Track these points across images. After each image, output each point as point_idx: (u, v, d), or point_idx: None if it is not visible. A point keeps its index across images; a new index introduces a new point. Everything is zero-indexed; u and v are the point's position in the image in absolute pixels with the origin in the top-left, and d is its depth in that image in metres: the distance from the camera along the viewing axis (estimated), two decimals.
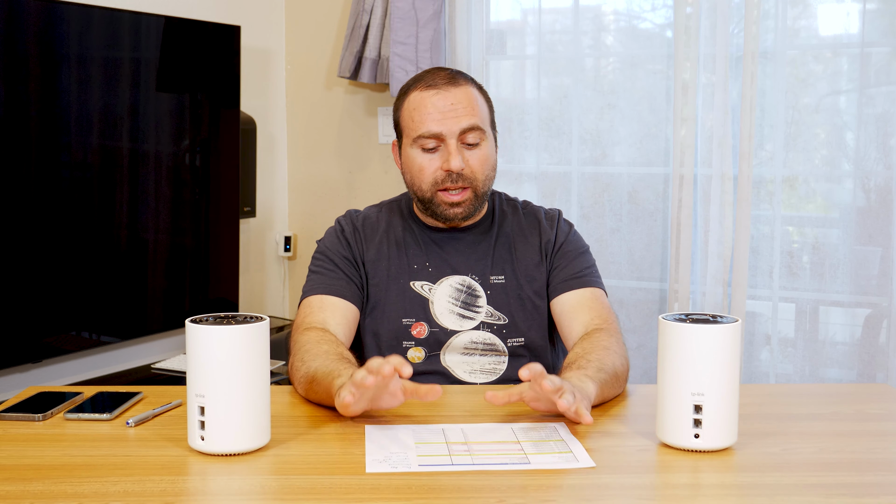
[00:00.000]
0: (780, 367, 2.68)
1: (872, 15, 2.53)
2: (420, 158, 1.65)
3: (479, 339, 1.66)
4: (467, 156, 1.64)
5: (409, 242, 1.72)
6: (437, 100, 1.63)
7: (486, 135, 1.66)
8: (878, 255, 2.55)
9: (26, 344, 2.31)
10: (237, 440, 1.18)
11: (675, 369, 1.20)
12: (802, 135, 2.61)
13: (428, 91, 1.64)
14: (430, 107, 1.63)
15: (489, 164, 1.67)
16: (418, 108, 1.64)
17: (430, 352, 1.66)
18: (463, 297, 1.67)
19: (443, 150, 1.63)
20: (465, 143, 1.64)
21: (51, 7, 2.27)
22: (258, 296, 3.24)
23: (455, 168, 1.61)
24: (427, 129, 1.62)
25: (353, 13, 2.96)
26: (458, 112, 1.62)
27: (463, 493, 1.07)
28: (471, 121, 1.63)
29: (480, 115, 1.66)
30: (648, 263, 2.81)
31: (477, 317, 1.67)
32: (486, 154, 1.66)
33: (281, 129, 3.28)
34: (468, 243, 1.72)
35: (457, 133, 1.62)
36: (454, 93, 1.64)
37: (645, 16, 2.90)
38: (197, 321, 1.19)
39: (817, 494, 1.08)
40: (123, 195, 2.50)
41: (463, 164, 1.62)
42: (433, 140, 1.63)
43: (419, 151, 1.65)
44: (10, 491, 1.08)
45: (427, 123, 1.62)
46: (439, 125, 1.62)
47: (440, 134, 1.62)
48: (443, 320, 1.66)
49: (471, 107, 1.64)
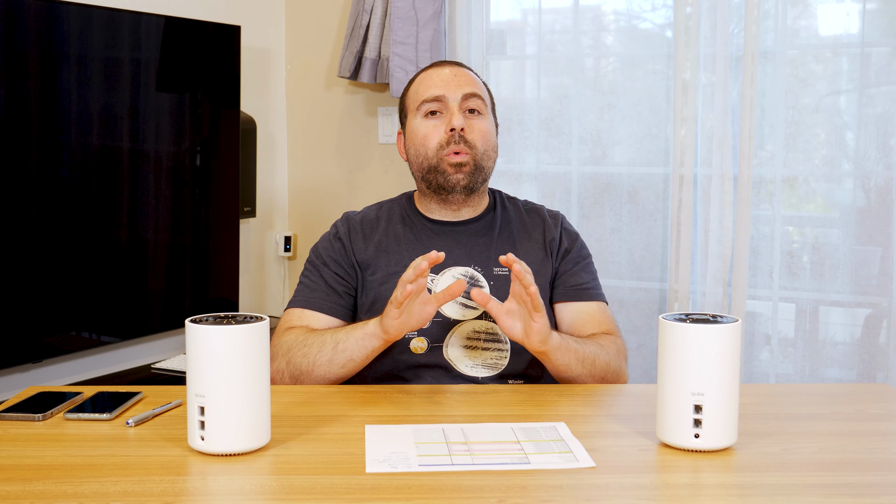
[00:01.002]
0: (780, 367, 2.68)
1: (872, 15, 2.53)
2: (424, 126, 1.72)
3: (482, 328, 1.66)
4: (469, 122, 1.71)
5: (410, 237, 1.74)
6: (441, 72, 1.75)
7: (487, 110, 1.75)
8: (878, 255, 2.55)
9: (26, 344, 2.31)
10: (237, 440, 1.18)
11: (675, 369, 1.20)
12: (802, 135, 2.61)
13: (432, 69, 1.78)
14: (435, 76, 1.74)
15: (490, 138, 1.74)
16: (423, 81, 1.76)
17: (432, 342, 1.65)
18: (466, 287, 1.68)
19: (446, 115, 1.71)
20: (467, 111, 1.72)
21: (51, 7, 2.27)
22: (258, 296, 3.24)
23: (457, 125, 1.68)
24: (430, 93, 1.72)
25: (353, 13, 2.96)
26: (460, 81, 1.73)
27: (463, 493, 1.08)
28: (472, 88, 1.73)
29: (481, 91, 1.75)
30: (648, 263, 2.81)
31: (479, 306, 1.67)
32: (487, 128, 1.73)
33: (281, 129, 3.28)
34: (470, 235, 1.74)
35: (459, 98, 1.71)
36: (457, 68, 1.77)
37: (645, 16, 2.90)
38: (197, 321, 1.19)
39: (817, 494, 1.08)
40: (123, 195, 2.50)
41: (464, 124, 1.69)
42: (436, 103, 1.71)
43: (422, 120, 1.73)
44: (10, 491, 1.08)
45: (430, 89, 1.72)
46: (442, 89, 1.71)
47: (442, 96, 1.71)
48: (445, 309, 1.66)
49: (472, 80, 1.75)
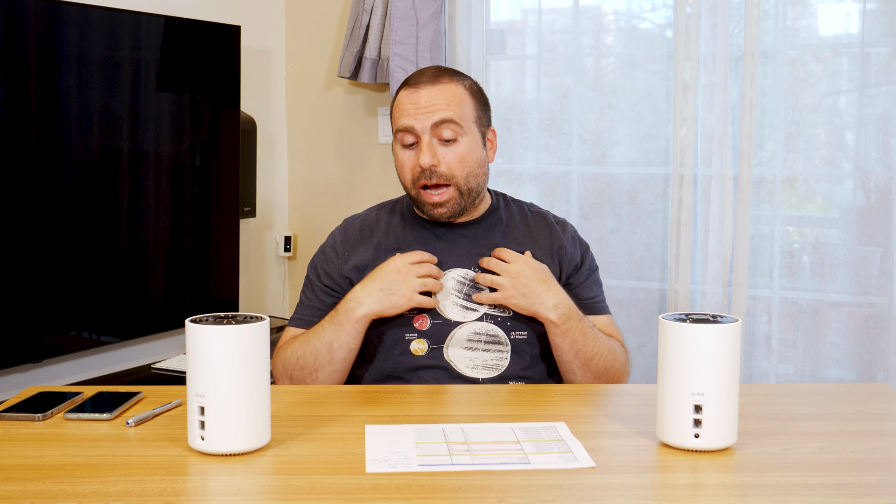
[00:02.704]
0: (780, 367, 2.68)
1: (872, 15, 2.53)
2: (401, 155, 1.69)
3: (483, 330, 1.66)
4: (442, 152, 1.64)
5: (410, 239, 1.73)
6: (414, 97, 1.66)
7: (465, 130, 1.66)
8: (878, 255, 2.54)
9: (26, 344, 2.30)
10: (237, 440, 1.18)
11: (675, 369, 1.20)
12: (802, 135, 2.61)
13: (409, 89, 1.68)
14: (407, 103, 1.66)
15: (470, 161, 1.66)
16: (398, 105, 1.69)
17: (433, 344, 1.65)
18: (466, 288, 1.68)
19: (418, 146, 1.66)
20: (442, 140, 1.65)
21: (51, 7, 2.27)
22: (258, 296, 3.24)
23: (424, 164, 1.63)
24: (402, 122, 1.66)
25: (353, 13, 2.96)
26: (431, 108, 1.64)
27: (463, 493, 1.08)
28: (444, 114, 1.64)
29: (459, 111, 1.65)
30: (648, 263, 2.81)
31: (480, 308, 1.67)
32: (465, 151, 1.66)
33: (281, 129, 3.28)
34: (471, 237, 1.73)
35: (428, 128, 1.64)
36: (431, 90, 1.65)
37: (645, 16, 2.89)
38: (197, 321, 1.19)
39: (817, 494, 1.08)
40: (123, 195, 2.50)
41: (434, 160, 1.63)
42: (410, 135, 1.65)
43: (400, 148, 1.69)
44: (10, 491, 1.08)
45: (402, 118, 1.66)
46: (411, 119, 1.64)
47: (412, 128, 1.64)
48: (445, 311, 1.66)
49: (447, 102, 1.65)
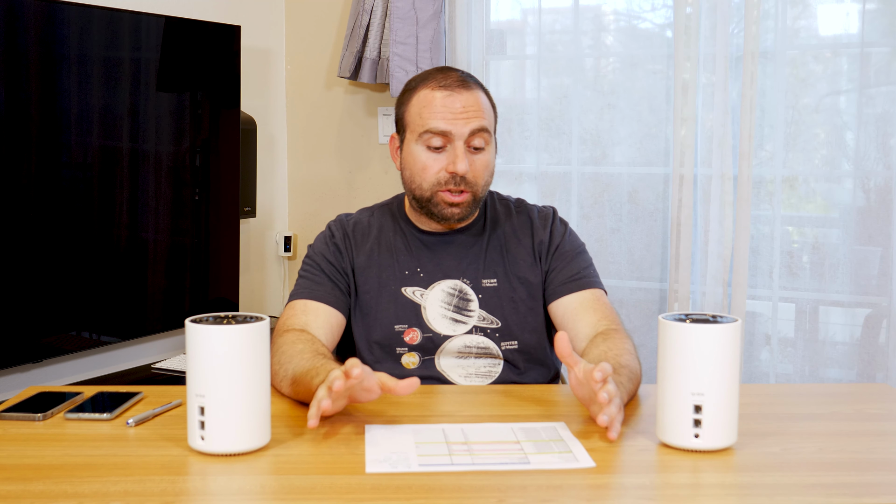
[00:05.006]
0: (780, 367, 2.68)
1: (872, 15, 2.53)
2: (424, 156, 1.63)
3: (473, 342, 1.65)
4: (471, 160, 1.63)
5: (401, 248, 1.71)
6: (449, 101, 1.62)
7: (491, 139, 1.66)
8: (878, 255, 2.55)
9: (26, 344, 2.30)
10: (237, 440, 1.18)
11: (675, 369, 1.20)
12: (802, 135, 2.61)
13: (440, 90, 1.63)
14: (441, 106, 1.62)
15: (490, 170, 1.67)
16: (428, 106, 1.63)
17: (424, 356, 1.65)
18: (455, 301, 1.66)
19: (449, 151, 1.62)
20: (471, 147, 1.63)
21: (51, 7, 2.27)
22: (258, 296, 3.24)
23: (461, 171, 1.60)
24: (436, 125, 1.61)
25: (353, 13, 2.96)
26: (468, 114, 1.62)
27: (463, 493, 1.07)
28: (480, 122, 1.62)
29: (490, 120, 1.66)
30: (648, 263, 2.81)
31: (469, 321, 1.66)
32: (489, 160, 1.66)
33: (281, 129, 3.28)
34: (459, 246, 1.70)
35: (465, 135, 1.61)
36: (466, 96, 1.63)
37: (645, 16, 2.89)
38: (197, 321, 1.19)
39: (817, 494, 1.08)
40: (123, 195, 2.50)
41: (468, 168, 1.61)
42: (440, 138, 1.61)
43: (424, 149, 1.63)
44: (10, 491, 1.07)
45: (436, 120, 1.61)
46: (449, 125, 1.61)
47: (449, 133, 1.61)
48: (435, 325, 1.65)
49: (481, 110, 1.64)
